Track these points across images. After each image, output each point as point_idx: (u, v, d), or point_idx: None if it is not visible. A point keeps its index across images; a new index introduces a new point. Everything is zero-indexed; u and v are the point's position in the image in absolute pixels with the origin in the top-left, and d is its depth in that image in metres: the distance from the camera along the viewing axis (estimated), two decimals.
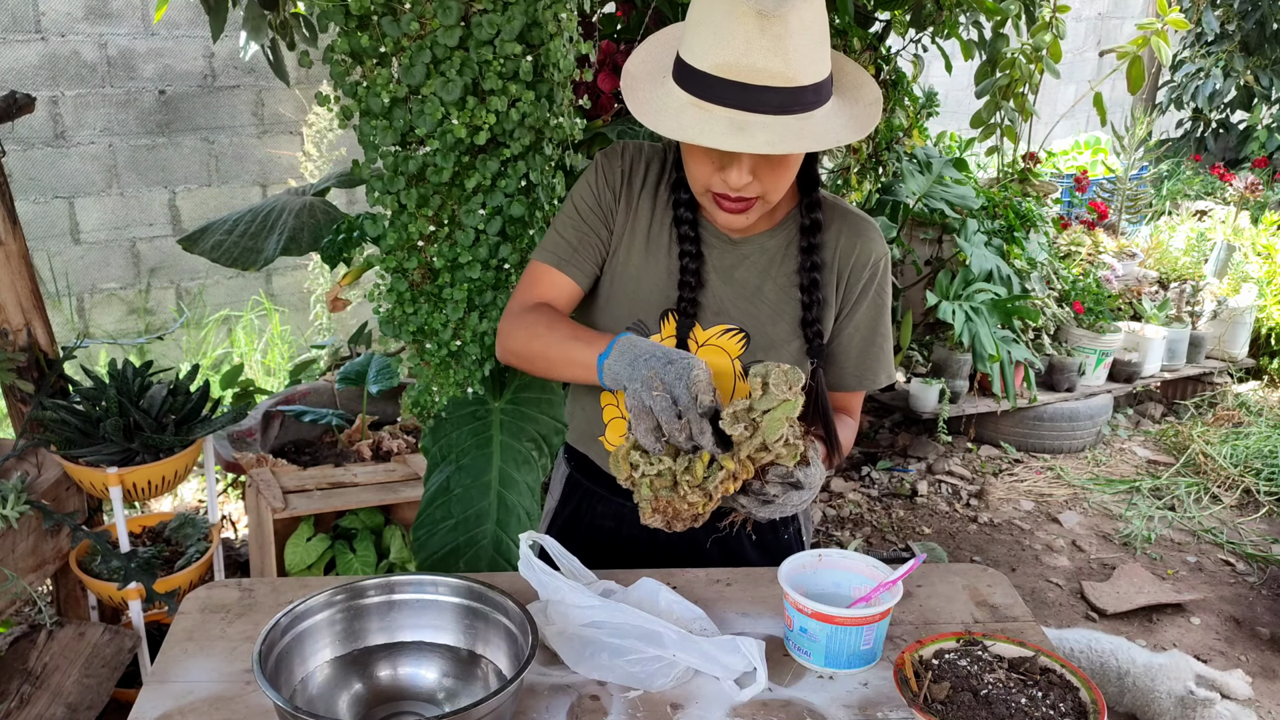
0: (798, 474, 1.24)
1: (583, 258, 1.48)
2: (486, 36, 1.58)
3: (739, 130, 1.19)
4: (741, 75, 1.19)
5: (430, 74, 1.60)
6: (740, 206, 1.32)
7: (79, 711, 2.01)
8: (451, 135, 1.61)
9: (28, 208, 3.72)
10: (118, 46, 3.83)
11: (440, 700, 1.24)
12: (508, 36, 1.57)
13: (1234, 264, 5.25)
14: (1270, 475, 4.13)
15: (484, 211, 1.70)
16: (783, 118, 1.20)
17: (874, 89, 1.33)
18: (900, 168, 3.90)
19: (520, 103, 1.62)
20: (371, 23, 1.61)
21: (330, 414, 3.17)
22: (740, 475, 1.21)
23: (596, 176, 1.47)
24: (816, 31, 1.22)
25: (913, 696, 1.18)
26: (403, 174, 1.66)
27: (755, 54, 1.18)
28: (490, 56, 1.58)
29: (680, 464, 1.23)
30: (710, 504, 1.24)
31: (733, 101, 1.20)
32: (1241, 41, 7.21)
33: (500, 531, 1.96)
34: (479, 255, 1.70)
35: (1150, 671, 2.60)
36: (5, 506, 2.01)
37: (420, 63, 1.58)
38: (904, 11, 3.11)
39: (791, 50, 1.18)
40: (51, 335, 2.29)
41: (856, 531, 3.71)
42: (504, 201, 1.67)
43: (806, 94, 1.22)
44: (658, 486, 1.24)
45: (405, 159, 1.66)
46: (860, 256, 1.46)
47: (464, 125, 1.59)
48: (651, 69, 1.32)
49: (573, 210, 1.49)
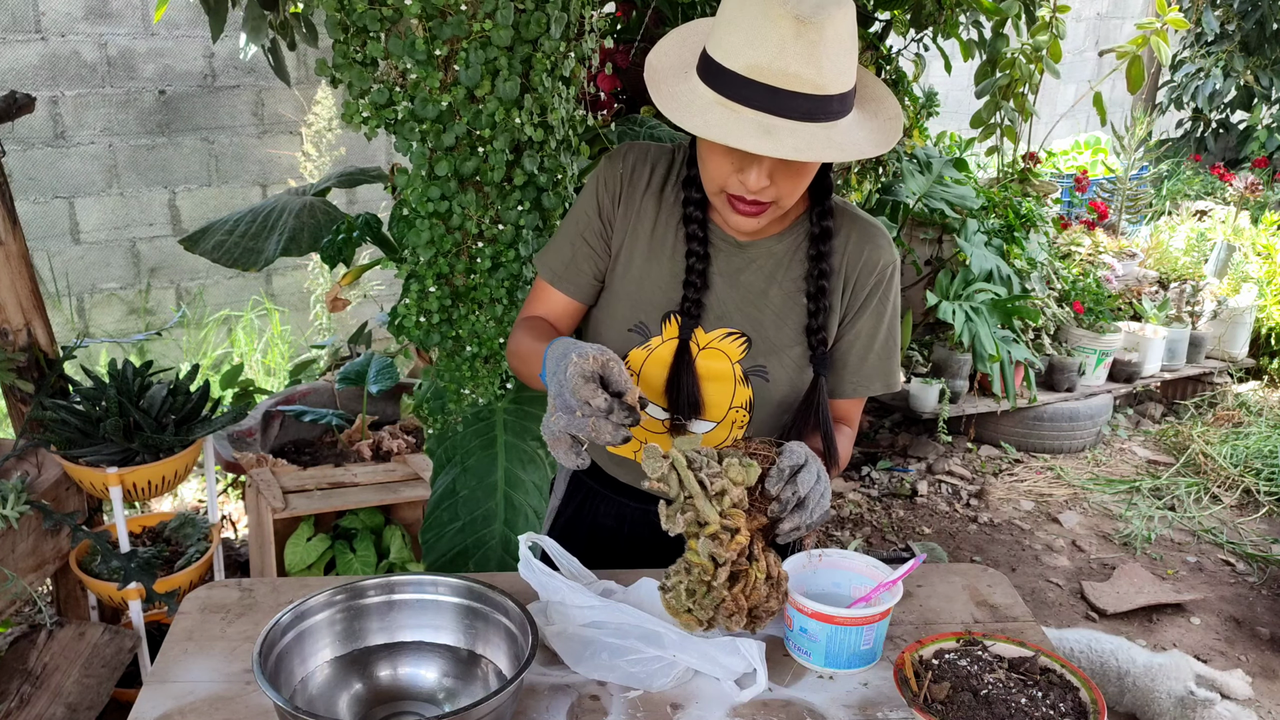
0: (782, 463, 1.22)
1: (577, 272, 1.49)
2: (534, 35, 1.59)
3: (766, 133, 1.18)
4: (773, 79, 1.18)
5: (483, 75, 1.61)
6: (754, 210, 1.31)
7: (79, 711, 2.01)
8: (510, 134, 1.62)
9: (28, 208, 3.72)
10: (118, 46, 3.83)
11: (440, 700, 1.24)
12: (555, 34, 1.58)
13: (1234, 264, 5.25)
14: (1270, 475, 4.13)
15: (523, 208, 1.71)
16: (809, 125, 1.20)
17: (894, 104, 1.32)
18: (900, 167, 3.90)
19: (564, 99, 1.63)
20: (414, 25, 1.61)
21: (330, 414, 3.17)
22: (736, 523, 1.19)
23: (597, 183, 1.48)
24: (849, 41, 1.21)
25: (913, 696, 1.18)
26: (455, 176, 1.67)
27: (789, 58, 1.17)
28: (536, 54, 1.59)
29: (692, 572, 1.22)
30: (760, 567, 1.21)
31: (762, 104, 1.19)
32: (1241, 41, 7.21)
33: (508, 532, 1.96)
34: (523, 252, 1.71)
35: (1150, 671, 2.60)
36: (5, 506, 2.01)
37: (478, 63, 1.59)
38: (904, 11, 3.11)
39: (824, 58, 1.18)
40: (51, 335, 2.29)
41: (856, 531, 3.71)
42: (536, 195, 1.68)
43: (833, 103, 1.21)
44: (702, 601, 1.21)
45: (462, 160, 1.66)
46: (868, 262, 1.45)
47: (529, 123, 1.60)
48: (674, 63, 1.31)
49: (573, 220, 1.50)
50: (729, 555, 1.18)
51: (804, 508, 1.22)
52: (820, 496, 1.23)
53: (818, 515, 1.23)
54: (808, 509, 1.22)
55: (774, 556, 1.24)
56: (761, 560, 1.22)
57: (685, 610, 1.22)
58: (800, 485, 1.21)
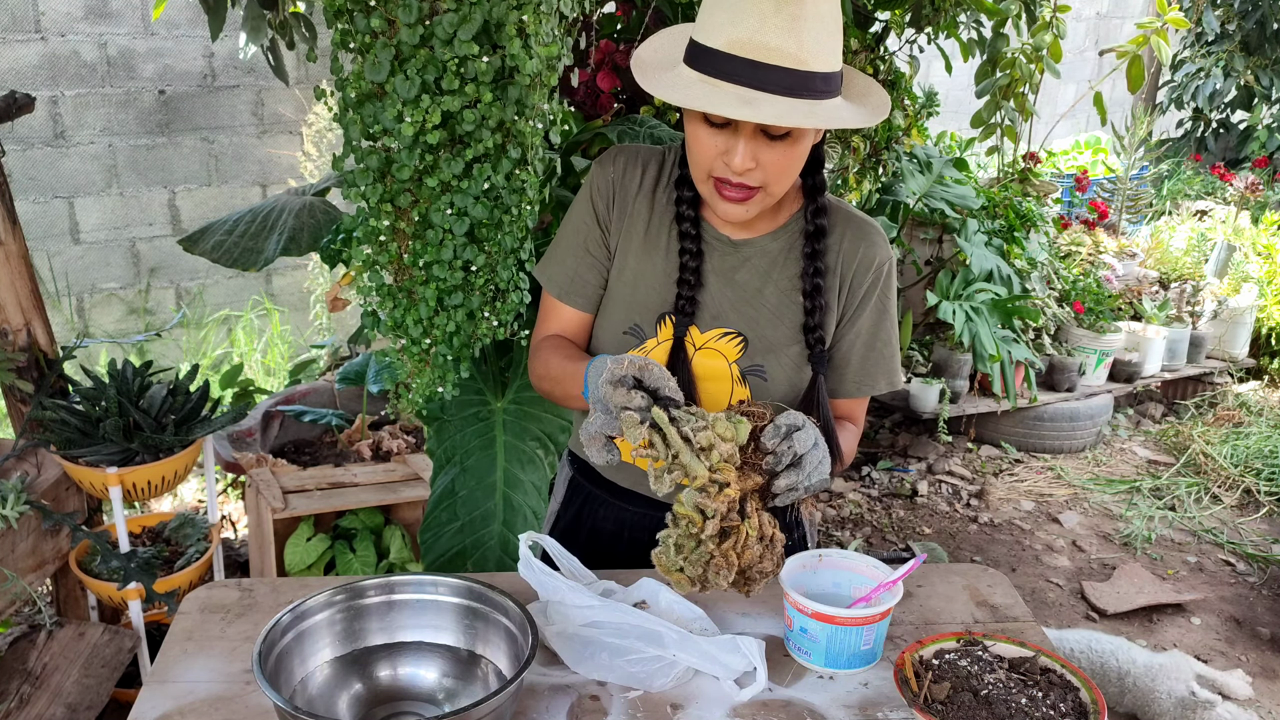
0: (780, 420, 1.21)
1: (583, 283, 1.49)
2: (446, 35, 1.57)
3: (746, 103, 1.19)
4: (753, 53, 1.19)
5: (394, 70, 1.60)
6: (742, 195, 1.31)
7: (79, 711, 2.01)
8: (405, 132, 1.61)
9: (28, 208, 3.72)
10: (117, 46, 3.83)
11: (440, 700, 1.24)
12: (464, 36, 1.57)
13: (1234, 264, 5.25)
14: (1270, 475, 4.13)
15: (451, 212, 1.69)
16: (791, 99, 1.20)
17: (883, 94, 1.33)
18: (900, 167, 3.89)
19: (481, 104, 1.61)
20: (344, 18, 1.61)
21: (330, 414, 3.17)
22: (726, 477, 1.19)
23: (590, 190, 1.48)
24: (831, 21, 1.22)
25: (913, 696, 1.17)
26: (369, 170, 1.66)
27: (769, 32, 1.18)
28: (449, 56, 1.58)
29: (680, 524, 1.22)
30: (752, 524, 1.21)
31: (743, 79, 1.20)
32: (1242, 41, 7.21)
33: (507, 532, 1.96)
34: (444, 256, 1.69)
35: (1150, 672, 2.60)
36: (5, 506, 2.01)
37: (385, 59, 1.58)
38: (903, 11, 3.11)
39: (805, 32, 1.19)
40: (51, 335, 2.29)
41: (857, 531, 3.71)
42: (469, 203, 1.67)
43: (816, 80, 1.21)
44: (690, 556, 1.22)
45: (370, 154, 1.65)
46: (864, 261, 1.45)
47: (413, 124, 1.59)
48: (663, 58, 1.32)
49: (571, 231, 1.50)
50: (717, 506, 1.18)
51: (800, 467, 1.21)
52: (818, 462, 1.22)
53: (815, 479, 1.21)
54: (804, 469, 1.21)
55: (768, 517, 1.23)
56: (754, 518, 1.21)
57: (676, 569, 1.23)
58: (796, 443, 1.20)
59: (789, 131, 1.26)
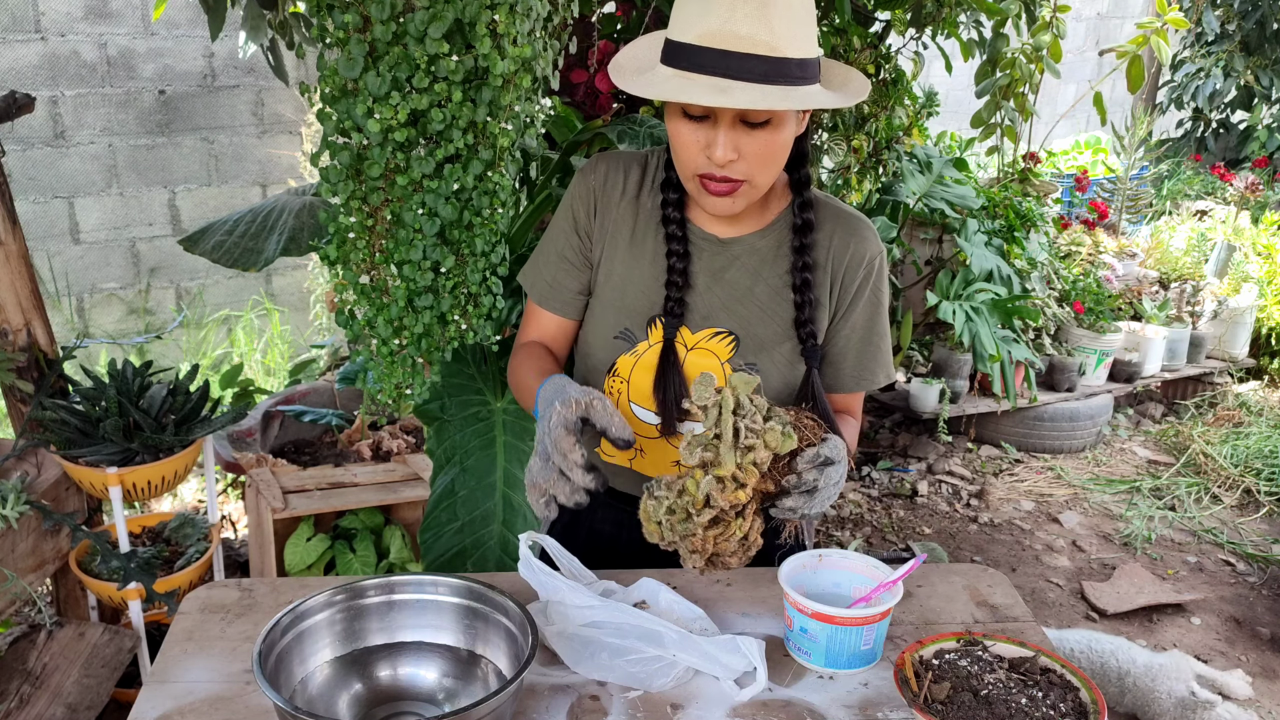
0: (822, 450, 1.23)
1: (562, 289, 1.51)
2: (418, 33, 1.57)
3: (721, 92, 1.20)
4: (724, 43, 1.20)
5: (367, 67, 1.60)
6: (726, 188, 1.31)
7: (79, 711, 2.01)
8: (372, 129, 1.61)
9: (28, 208, 3.72)
10: (117, 46, 3.83)
11: (440, 700, 1.24)
12: (435, 34, 1.56)
13: (1234, 264, 5.25)
14: (1270, 475, 4.13)
15: (422, 212, 1.69)
16: (766, 85, 1.21)
17: (862, 79, 1.34)
18: (900, 167, 3.89)
19: (450, 103, 1.61)
20: (322, 14, 1.61)
21: (330, 414, 3.17)
22: (746, 480, 1.20)
23: (571, 199, 1.49)
24: (801, 9, 1.23)
25: (913, 696, 1.17)
26: (340, 166, 1.66)
27: (738, 21, 1.19)
28: (421, 54, 1.58)
29: (683, 497, 1.24)
30: (743, 525, 1.23)
31: (716, 69, 1.21)
32: (1242, 41, 7.21)
33: (507, 532, 1.96)
34: (413, 255, 1.69)
35: (1150, 672, 2.60)
36: (5, 506, 2.01)
37: (359, 55, 1.58)
38: (904, 11, 3.11)
39: (775, 19, 1.20)
40: (51, 335, 2.29)
41: (857, 531, 3.71)
42: (438, 203, 1.67)
43: (791, 66, 1.22)
44: (675, 524, 1.24)
45: (342, 150, 1.65)
46: (854, 256, 1.45)
47: (381, 121, 1.59)
48: (641, 64, 1.33)
49: (551, 239, 1.51)
50: (723, 504, 1.21)
51: (812, 496, 1.24)
52: (827, 498, 1.26)
53: (815, 511, 1.25)
54: (815, 500, 1.24)
55: (759, 524, 1.27)
56: (747, 521, 1.24)
57: (655, 522, 1.26)
58: (824, 477, 1.24)
59: (769, 120, 1.26)
